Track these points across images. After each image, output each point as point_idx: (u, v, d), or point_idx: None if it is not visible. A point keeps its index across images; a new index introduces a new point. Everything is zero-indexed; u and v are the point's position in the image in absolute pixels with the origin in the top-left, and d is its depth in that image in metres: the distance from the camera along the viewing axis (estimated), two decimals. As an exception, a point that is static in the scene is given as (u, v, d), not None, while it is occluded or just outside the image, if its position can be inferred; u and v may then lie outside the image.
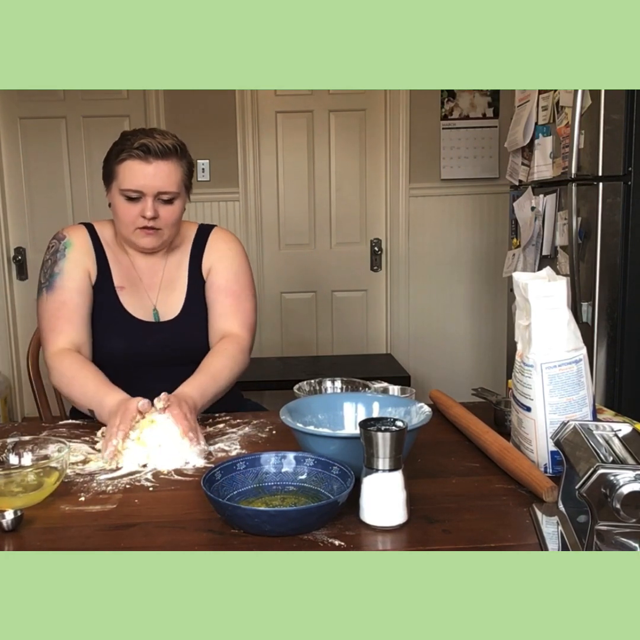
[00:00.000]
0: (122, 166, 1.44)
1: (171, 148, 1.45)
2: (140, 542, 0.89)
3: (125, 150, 1.43)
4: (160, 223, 1.48)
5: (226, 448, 1.24)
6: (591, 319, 2.21)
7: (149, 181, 1.43)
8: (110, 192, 1.50)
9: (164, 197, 1.46)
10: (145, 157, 1.42)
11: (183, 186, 1.50)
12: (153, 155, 1.43)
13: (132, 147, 1.43)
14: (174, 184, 1.46)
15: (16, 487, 1.00)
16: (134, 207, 1.46)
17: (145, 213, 1.45)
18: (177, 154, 1.47)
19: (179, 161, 1.47)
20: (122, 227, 1.50)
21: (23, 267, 3.55)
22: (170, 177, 1.45)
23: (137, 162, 1.43)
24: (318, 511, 0.89)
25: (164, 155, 1.44)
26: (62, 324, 1.46)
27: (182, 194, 1.51)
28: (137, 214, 1.46)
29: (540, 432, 1.06)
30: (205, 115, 3.43)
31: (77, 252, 1.51)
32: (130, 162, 1.43)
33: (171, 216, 1.49)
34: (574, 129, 2.14)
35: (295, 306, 3.67)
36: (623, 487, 0.74)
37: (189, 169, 1.52)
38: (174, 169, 1.46)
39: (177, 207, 1.50)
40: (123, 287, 1.53)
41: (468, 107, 3.47)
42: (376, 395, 1.22)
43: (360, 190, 3.60)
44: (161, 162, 1.44)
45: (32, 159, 3.49)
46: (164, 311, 1.55)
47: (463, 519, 0.94)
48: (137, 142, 1.43)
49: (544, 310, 1.06)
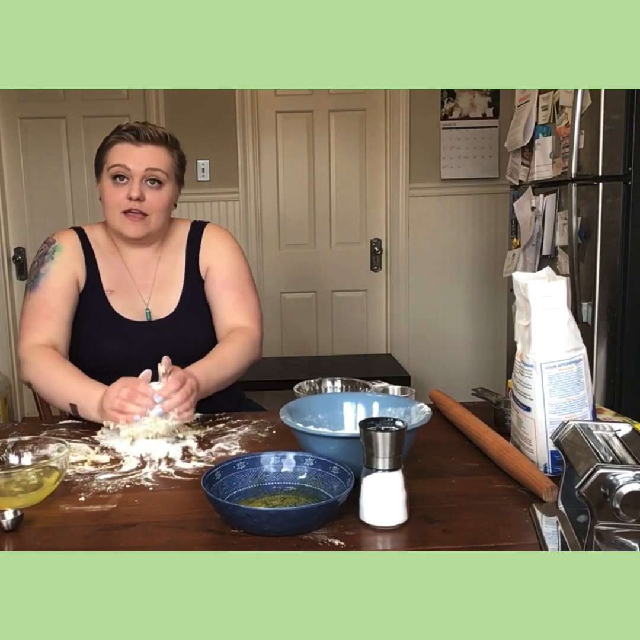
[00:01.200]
0: (111, 149, 1.47)
1: (161, 135, 1.47)
2: (140, 542, 0.89)
3: (115, 134, 1.46)
4: (146, 207, 1.47)
5: (226, 448, 1.24)
6: (591, 319, 2.21)
7: (137, 157, 1.44)
8: (100, 181, 1.50)
9: (152, 177, 1.46)
10: (135, 141, 1.45)
11: (173, 174, 1.50)
12: (143, 140, 1.45)
13: (122, 131, 1.45)
14: (162, 164, 1.47)
15: (16, 487, 1.00)
16: (120, 190, 1.46)
17: (131, 194, 1.45)
18: (167, 143, 1.48)
19: (169, 149, 1.49)
20: (108, 212, 1.50)
21: (23, 267, 3.55)
22: (159, 158, 1.46)
23: (126, 144, 1.45)
24: (318, 511, 0.89)
25: (153, 140, 1.46)
26: (41, 322, 1.46)
27: (172, 181, 1.51)
28: (124, 196, 1.46)
29: (540, 432, 1.06)
30: (205, 115, 3.43)
31: (65, 256, 1.52)
32: (119, 145, 1.45)
33: (158, 202, 1.48)
34: (574, 129, 2.14)
35: (295, 306, 3.67)
36: (623, 487, 0.74)
37: (180, 161, 1.53)
38: (163, 153, 1.47)
39: (164, 193, 1.49)
40: (112, 290, 1.53)
41: (468, 107, 3.48)
42: (376, 395, 1.22)
43: (360, 190, 3.60)
44: (150, 145, 1.46)
45: (32, 159, 3.49)
46: (157, 310, 1.55)
47: (463, 519, 0.94)
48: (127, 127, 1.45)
49: (543, 310, 1.06)
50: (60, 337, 1.46)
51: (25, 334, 1.46)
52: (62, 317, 1.48)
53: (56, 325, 1.46)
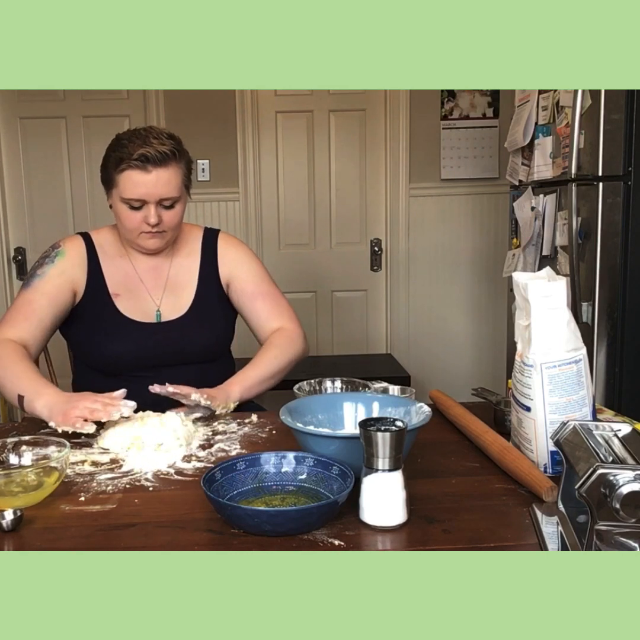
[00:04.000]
0: (122, 176, 1.45)
1: (169, 154, 1.45)
2: (140, 542, 0.89)
3: (124, 160, 1.44)
4: (164, 226, 1.50)
5: (226, 448, 1.24)
6: (591, 319, 2.21)
7: (150, 189, 1.45)
8: (112, 198, 1.51)
9: (166, 203, 1.48)
10: (144, 167, 1.44)
11: (184, 187, 1.52)
12: (152, 164, 1.44)
13: (130, 157, 1.43)
14: (174, 189, 1.48)
15: (16, 487, 1.00)
16: (137, 214, 1.48)
17: (149, 220, 1.47)
18: (176, 158, 1.48)
19: (177, 164, 1.48)
20: (126, 233, 1.53)
21: (23, 267, 3.55)
22: (170, 183, 1.47)
23: (136, 172, 1.44)
24: (318, 511, 0.89)
25: (162, 162, 1.45)
26: (20, 320, 1.48)
27: (183, 195, 1.53)
28: (141, 220, 1.48)
29: (540, 432, 1.06)
30: (205, 115, 3.42)
31: (66, 262, 1.53)
32: (129, 172, 1.44)
33: (173, 219, 1.51)
34: (574, 129, 2.14)
35: (295, 306, 3.63)
36: (622, 487, 0.74)
37: (187, 169, 1.53)
38: (174, 173, 1.47)
39: (178, 209, 1.52)
40: (118, 294, 1.55)
41: (468, 107, 3.47)
42: (376, 395, 1.22)
43: (360, 190, 3.59)
44: (161, 169, 1.45)
45: (32, 159, 3.48)
46: (168, 312, 1.57)
47: (463, 519, 0.94)
48: (135, 152, 1.43)
49: (543, 310, 1.06)
50: (33, 339, 1.48)
51: (1, 327, 1.47)
52: (40, 320, 1.49)
53: (32, 327, 1.48)
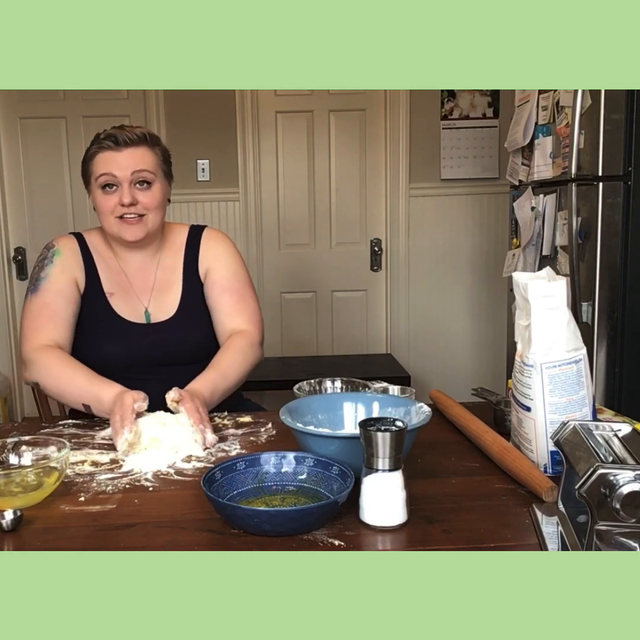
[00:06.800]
0: (94, 160, 1.47)
1: (140, 136, 1.47)
2: (140, 542, 0.89)
3: (95, 144, 1.47)
4: (141, 209, 1.48)
5: (226, 448, 1.24)
6: (591, 319, 2.21)
7: (121, 162, 1.45)
8: (91, 192, 1.52)
9: (140, 179, 1.47)
10: (115, 147, 1.45)
11: (160, 171, 1.51)
12: (123, 144, 1.45)
13: (100, 140, 1.46)
14: (147, 164, 1.47)
15: (16, 487, 1.00)
16: (111, 197, 1.47)
17: (122, 200, 1.45)
18: (147, 142, 1.49)
19: (151, 148, 1.49)
20: (104, 220, 1.51)
21: (23, 267, 3.55)
22: (143, 159, 1.47)
23: (107, 152, 1.46)
24: (318, 511, 0.89)
25: (133, 142, 1.46)
26: (45, 323, 1.46)
27: (160, 178, 1.51)
28: (116, 202, 1.47)
29: (540, 432, 1.06)
30: (205, 115, 3.42)
31: (65, 260, 1.53)
32: (101, 154, 1.46)
33: (151, 201, 1.49)
34: (574, 129, 2.14)
35: (295, 306, 3.67)
36: (623, 487, 0.74)
37: (164, 156, 1.53)
38: (146, 152, 1.48)
39: (156, 191, 1.50)
40: (113, 293, 1.54)
41: (468, 107, 3.47)
42: (376, 395, 1.22)
43: (360, 190, 3.60)
44: (131, 148, 1.46)
45: (32, 159, 3.49)
46: (157, 313, 1.56)
47: (463, 519, 0.94)
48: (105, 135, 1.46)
49: (543, 310, 1.06)
50: (63, 338, 1.47)
51: (29, 335, 1.46)
52: (64, 319, 1.48)
53: (59, 327, 1.47)
